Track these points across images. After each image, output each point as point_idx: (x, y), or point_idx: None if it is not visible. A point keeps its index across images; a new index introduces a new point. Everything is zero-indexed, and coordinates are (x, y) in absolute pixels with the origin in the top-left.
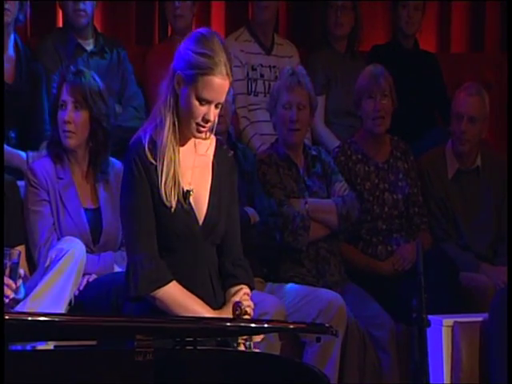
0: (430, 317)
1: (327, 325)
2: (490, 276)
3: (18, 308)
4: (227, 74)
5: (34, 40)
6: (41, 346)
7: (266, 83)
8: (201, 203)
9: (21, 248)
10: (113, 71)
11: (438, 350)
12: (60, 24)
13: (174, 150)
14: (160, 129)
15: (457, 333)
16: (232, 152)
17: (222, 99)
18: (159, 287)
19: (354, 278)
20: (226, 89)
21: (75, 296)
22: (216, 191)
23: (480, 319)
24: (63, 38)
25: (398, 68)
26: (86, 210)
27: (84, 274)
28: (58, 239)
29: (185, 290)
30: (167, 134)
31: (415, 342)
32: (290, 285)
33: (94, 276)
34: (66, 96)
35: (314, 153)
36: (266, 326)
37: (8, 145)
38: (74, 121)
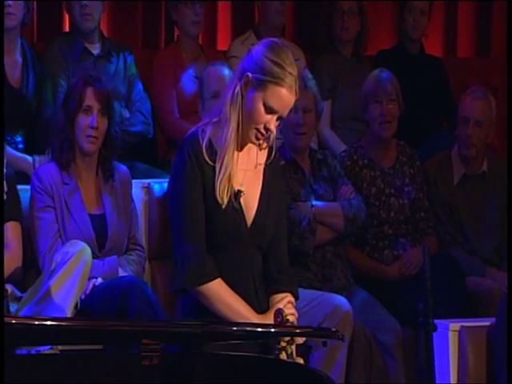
0: (436, 321)
1: (333, 329)
2: (497, 280)
3: (24, 312)
4: (295, 90)
5: (41, 44)
6: (47, 351)
7: None
8: (250, 206)
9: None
10: (119, 75)
11: (445, 354)
12: (67, 28)
13: (233, 149)
14: (223, 127)
15: (463, 337)
16: (283, 161)
17: (285, 113)
18: (204, 282)
19: (360, 282)
20: (291, 104)
21: (81, 300)
22: (265, 196)
23: (487, 324)
24: (70, 43)
25: (404, 72)
26: (91, 215)
27: (90, 279)
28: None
29: (230, 289)
30: (231, 134)
31: (422, 346)
32: None
33: (100, 280)
34: (91, 101)
35: (320, 157)
36: (272, 330)
37: (14, 149)
38: (99, 126)
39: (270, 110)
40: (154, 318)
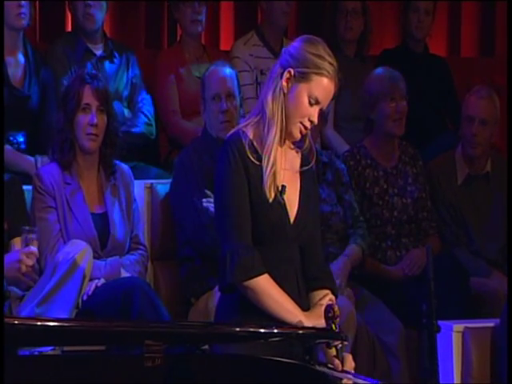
0: (440, 322)
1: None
2: (501, 281)
3: (26, 313)
4: (336, 80)
5: (43, 44)
6: (49, 351)
7: None
8: (292, 203)
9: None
10: (122, 76)
11: (448, 355)
12: (69, 28)
13: (278, 148)
14: (267, 126)
15: (467, 338)
16: (314, 164)
17: (327, 104)
18: (253, 277)
19: (363, 282)
20: (332, 94)
21: (84, 301)
22: (305, 195)
23: (491, 325)
24: (72, 43)
25: (407, 72)
26: (93, 214)
27: (91, 279)
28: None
29: (277, 285)
30: (277, 131)
31: (425, 347)
32: None
33: (102, 280)
34: (90, 99)
35: (325, 159)
36: (275, 331)
37: (17, 149)
38: (98, 124)
39: (314, 101)
40: (157, 318)
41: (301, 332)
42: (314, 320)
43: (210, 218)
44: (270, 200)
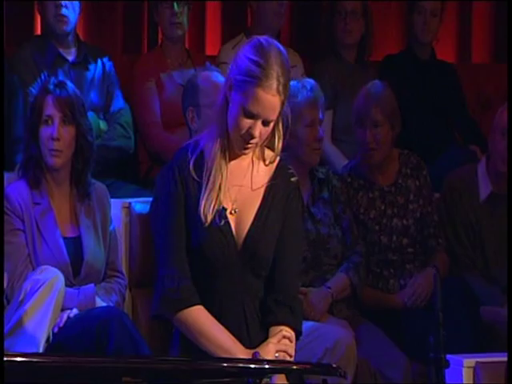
0: (448, 356)
1: (334, 365)
2: None
3: None
4: (278, 91)
5: (10, 49)
6: None
7: None
8: (243, 226)
9: None
10: (97, 84)
11: None
12: (38, 31)
13: (222, 163)
14: (210, 138)
15: (479, 374)
16: (297, 178)
17: (271, 117)
18: (181, 309)
19: (364, 312)
20: (276, 107)
21: (54, 334)
22: (263, 215)
23: (505, 359)
24: (42, 47)
25: (412, 80)
26: (65, 238)
27: (63, 309)
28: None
29: (212, 318)
30: (217, 145)
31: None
32: None
33: (75, 311)
34: (51, 110)
35: (321, 176)
36: (267, 366)
37: None
38: (62, 137)
39: (249, 114)
40: (136, 352)
41: (295, 367)
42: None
43: None
44: (207, 223)
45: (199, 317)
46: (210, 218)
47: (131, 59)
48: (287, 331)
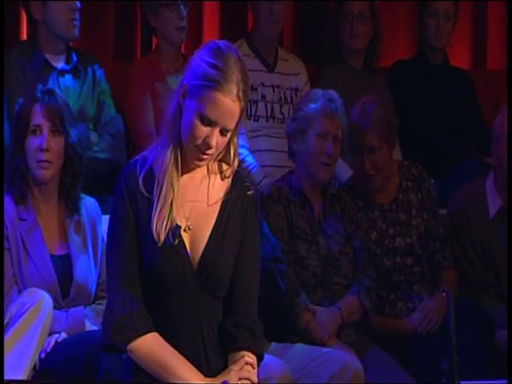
0: (462, 382)
1: None
2: None
3: None
4: (238, 97)
5: None
6: None
7: (269, 106)
8: (198, 244)
9: None
10: (87, 93)
11: None
12: (24, 36)
13: (174, 176)
14: (161, 150)
15: None
16: (252, 191)
17: (229, 125)
18: (133, 337)
19: (372, 337)
20: (235, 114)
21: (41, 359)
22: (219, 232)
23: None
24: (29, 53)
25: (424, 87)
26: (53, 256)
27: (51, 333)
28: (20, 292)
29: (167, 346)
30: (168, 157)
31: None
32: (297, 345)
33: (63, 335)
34: (40, 119)
35: (332, 190)
36: None
37: None
38: (51, 148)
39: (206, 121)
40: (127, 379)
41: None
42: None
43: None
44: (160, 242)
45: (153, 344)
46: (162, 237)
47: (123, 65)
48: (249, 357)
